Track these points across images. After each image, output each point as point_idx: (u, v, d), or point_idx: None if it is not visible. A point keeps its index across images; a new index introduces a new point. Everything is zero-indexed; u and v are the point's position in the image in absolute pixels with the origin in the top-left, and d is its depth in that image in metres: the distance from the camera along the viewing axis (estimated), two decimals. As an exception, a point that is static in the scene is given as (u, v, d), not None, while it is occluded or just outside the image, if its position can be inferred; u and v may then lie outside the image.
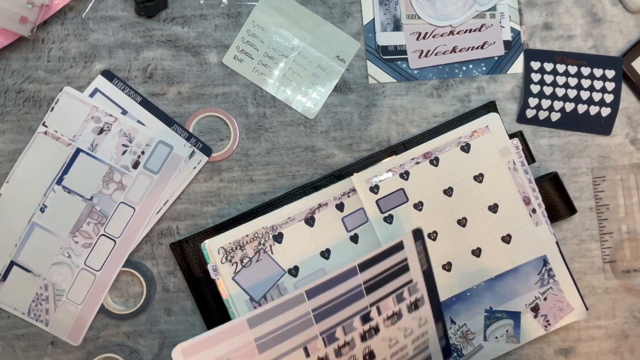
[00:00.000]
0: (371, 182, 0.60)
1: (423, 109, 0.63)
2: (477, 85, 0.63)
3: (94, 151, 0.61)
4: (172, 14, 0.62)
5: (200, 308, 0.61)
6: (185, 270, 0.61)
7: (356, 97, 0.63)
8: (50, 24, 0.62)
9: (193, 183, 0.62)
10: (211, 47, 0.62)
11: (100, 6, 0.62)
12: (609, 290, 0.63)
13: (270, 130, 0.62)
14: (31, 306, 0.61)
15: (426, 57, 0.62)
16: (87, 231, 0.61)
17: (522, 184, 0.60)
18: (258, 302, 0.57)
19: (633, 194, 0.63)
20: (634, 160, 0.63)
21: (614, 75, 0.62)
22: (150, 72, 0.62)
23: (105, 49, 0.62)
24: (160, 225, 0.62)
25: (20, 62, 0.62)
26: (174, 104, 0.62)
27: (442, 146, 0.60)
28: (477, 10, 0.62)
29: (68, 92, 0.61)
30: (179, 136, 0.61)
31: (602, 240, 0.63)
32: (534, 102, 0.62)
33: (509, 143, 0.60)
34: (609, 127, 0.63)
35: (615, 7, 0.63)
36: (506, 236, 0.60)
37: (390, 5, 0.62)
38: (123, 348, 0.61)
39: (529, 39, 0.63)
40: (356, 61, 0.63)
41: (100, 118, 0.61)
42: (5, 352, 0.62)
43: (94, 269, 0.61)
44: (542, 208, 0.60)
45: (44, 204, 0.60)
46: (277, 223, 0.58)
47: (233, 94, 0.62)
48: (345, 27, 0.62)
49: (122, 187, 0.61)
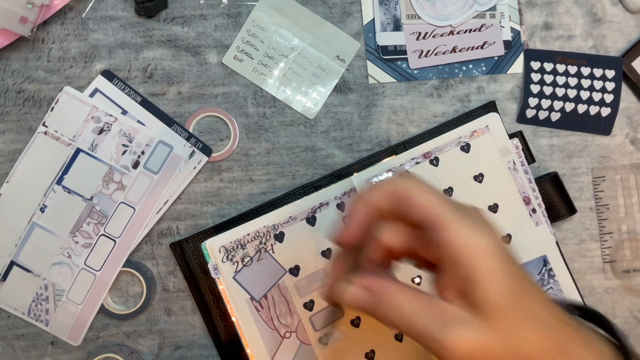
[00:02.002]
0: (371, 183, 0.60)
1: (423, 109, 0.63)
2: (477, 85, 0.63)
3: (94, 151, 0.61)
4: (172, 14, 0.62)
5: (200, 308, 0.61)
6: (185, 270, 0.61)
7: (356, 97, 0.63)
8: (50, 24, 0.62)
9: (193, 183, 0.62)
10: (211, 47, 0.62)
11: (100, 6, 0.62)
12: (609, 290, 0.63)
13: (270, 130, 0.62)
14: (31, 306, 0.61)
15: (426, 57, 0.62)
16: (87, 231, 0.61)
17: (522, 184, 0.60)
18: (258, 301, 0.57)
19: (633, 194, 0.63)
20: (634, 160, 0.63)
21: (614, 75, 0.62)
22: (150, 72, 0.62)
23: (105, 49, 0.62)
24: (160, 225, 0.62)
25: (20, 62, 0.62)
26: (174, 104, 0.62)
27: (442, 146, 0.60)
28: (477, 10, 0.62)
29: (68, 92, 0.61)
30: (179, 136, 0.61)
31: (602, 240, 0.63)
32: (534, 102, 0.62)
33: (508, 143, 0.60)
34: (609, 127, 0.63)
35: (615, 7, 0.63)
36: (506, 236, 0.60)
37: (390, 5, 0.62)
38: (123, 348, 0.61)
39: (529, 39, 0.63)
40: (356, 61, 0.63)
41: (100, 118, 0.61)
42: (5, 352, 0.62)
43: (94, 269, 0.61)
44: (542, 208, 0.60)
45: (44, 204, 0.60)
46: (279, 222, 0.57)
47: (233, 94, 0.62)
48: (345, 27, 0.62)
49: (122, 187, 0.61)
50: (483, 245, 0.35)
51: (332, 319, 0.45)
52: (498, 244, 0.35)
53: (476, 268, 0.34)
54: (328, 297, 0.40)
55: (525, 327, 0.34)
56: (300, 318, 0.57)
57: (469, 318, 0.34)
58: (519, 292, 0.35)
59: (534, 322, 0.35)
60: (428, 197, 0.37)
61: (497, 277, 0.34)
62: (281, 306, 0.56)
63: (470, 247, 0.35)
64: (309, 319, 0.57)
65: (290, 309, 0.57)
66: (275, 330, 0.56)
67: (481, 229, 0.35)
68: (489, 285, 0.34)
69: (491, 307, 0.34)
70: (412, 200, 0.37)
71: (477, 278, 0.34)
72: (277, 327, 0.56)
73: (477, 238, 0.35)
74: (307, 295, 0.57)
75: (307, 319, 0.57)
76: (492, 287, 0.34)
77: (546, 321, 0.36)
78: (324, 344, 0.55)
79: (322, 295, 0.41)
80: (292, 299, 0.57)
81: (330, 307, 0.41)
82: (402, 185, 0.38)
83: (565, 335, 0.36)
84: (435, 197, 0.36)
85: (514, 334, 0.34)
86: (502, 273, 0.34)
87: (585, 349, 0.36)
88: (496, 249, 0.35)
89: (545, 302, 0.36)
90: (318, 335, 0.57)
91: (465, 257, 0.35)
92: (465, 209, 0.37)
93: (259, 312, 0.56)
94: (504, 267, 0.35)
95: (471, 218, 0.36)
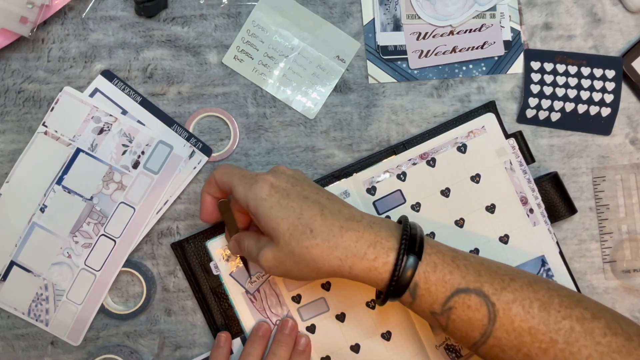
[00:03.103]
0: (368, 184, 0.60)
1: (423, 109, 0.63)
2: (477, 85, 0.63)
3: (94, 151, 0.61)
4: (172, 14, 0.62)
5: (201, 306, 0.61)
6: (186, 270, 0.61)
7: (356, 97, 0.63)
8: (50, 24, 0.62)
9: (193, 183, 0.62)
10: (211, 47, 0.62)
11: (100, 6, 0.62)
12: (609, 290, 0.63)
13: (270, 130, 0.62)
14: (31, 306, 0.61)
15: (426, 57, 0.62)
16: (87, 231, 0.61)
17: (519, 184, 0.60)
18: (252, 294, 0.61)
19: (633, 194, 0.63)
20: (634, 160, 0.63)
21: (614, 75, 0.62)
22: (150, 72, 0.62)
23: (105, 49, 0.62)
24: (160, 225, 0.62)
25: (20, 62, 0.62)
26: (174, 104, 0.62)
27: (439, 147, 0.60)
28: (477, 10, 0.62)
29: (68, 92, 0.61)
30: (179, 136, 0.61)
31: (602, 240, 0.63)
32: (534, 102, 0.62)
33: (505, 143, 0.60)
34: (609, 127, 0.63)
35: (615, 7, 0.63)
36: (504, 236, 0.60)
37: (390, 5, 0.62)
38: (123, 348, 0.61)
39: (529, 39, 0.63)
40: (356, 61, 0.63)
41: (100, 118, 0.61)
42: (5, 352, 0.62)
43: (94, 269, 0.61)
44: (541, 208, 0.60)
45: (44, 204, 0.61)
46: None
47: (233, 94, 0.62)
48: (345, 27, 0.62)
49: (122, 187, 0.61)
50: (255, 195, 0.50)
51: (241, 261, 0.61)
52: (269, 188, 0.50)
53: (258, 213, 0.49)
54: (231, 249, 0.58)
55: (299, 239, 0.48)
56: (289, 309, 0.61)
57: (269, 243, 0.50)
58: (291, 214, 0.48)
59: (304, 234, 0.48)
60: (224, 174, 0.53)
61: (271, 214, 0.49)
62: (272, 298, 0.61)
63: (250, 199, 0.50)
64: (297, 310, 0.61)
65: (280, 301, 0.61)
66: (268, 319, 0.61)
67: (258, 184, 0.50)
68: (269, 222, 0.49)
69: (275, 235, 0.49)
70: (218, 181, 0.54)
71: (261, 219, 0.49)
72: (269, 316, 0.61)
73: (253, 191, 0.50)
74: (295, 290, 0.61)
75: (295, 310, 0.61)
76: (270, 223, 0.49)
77: (320, 229, 0.48)
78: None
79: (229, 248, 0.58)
80: (282, 292, 0.61)
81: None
82: (215, 174, 0.55)
83: (339, 233, 0.48)
84: (230, 173, 0.53)
85: (290, 245, 0.48)
86: (274, 210, 0.49)
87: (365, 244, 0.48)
88: (266, 192, 0.49)
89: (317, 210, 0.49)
90: (305, 324, 0.61)
91: (250, 207, 0.50)
92: (249, 175, 0.52)
93: (253, 303, 0.61)
94: (274, 204, 0.49)
95: (251, 179, 0.51)
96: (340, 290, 0.60)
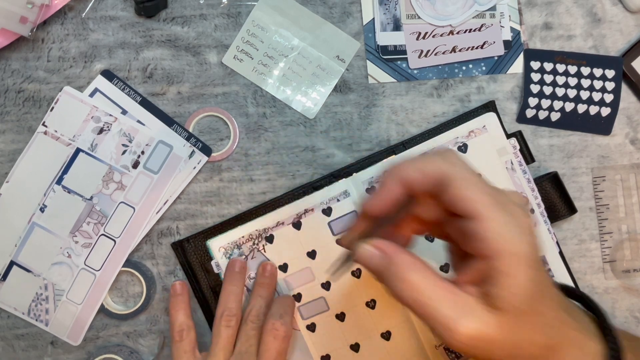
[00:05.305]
0: (368, 184, 0.60)
1: (423, 108, 0.63)
2: (477, 85, 0.63)
3: (93, 151, 0.61)
4: (172, 14, 0.62)
5: (201, 305, 0.61)
6: (187, 269, 0.61)
7: (356, 97, 0.63)
8: (50, 24, 0.62)
9: (193, 183, 0.62)
10: (211, 47, 0.62)
11: (100, 6, 0.62)
12: (609, 290, 0.63)
13: (270, 130, 0.62)
14: (31, 306, 0.61)
15: (426, 57, 0.62)
16: (87, 231, 0.61)
17: (519, 184, 0.60)
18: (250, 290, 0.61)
19: (633, 194, 0.63)
20: (634, 160, 0.63)
21: (613, 75, 0.62)
22: (150, 72, 0.62)
23: (105, 49, 0.62)
24: (160, 225, 0.62)
25: (20, 62, 0.62)
26: (173, 103, 0.62)
27: (440, 146, 0.60)
28: (477, 10, 0.62)
29: (68, 92, 0.61)
30: (179, 136, 0.61)
31: (602, 240, 0.63)
32: (534, 101, 0.62)
33: (506, 143, 0.60)
34: (609, 127, 0.63)
35: (615, 7, 0.63)
36: None
37: (390, 5, 0.62)
38: (123, 348, 0.61)
39: (529, 39, 0.63)
40: (356, 61, 0.63)
41: (100, 118, 0.61)
42: (5, 352, 0.62)
43: (94, 268, 0.61)
44: (541, 208, 0.60)
45: (44, 204, 0.61)
46: (269, 226, 0.60)
47: (233, 94, 0.62)
48: (345, 27, 0.62)
49: (122, 187, 0.61)
50: (517, 251, 0.35)
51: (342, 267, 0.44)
52: (532, 252, 0.36)
53: (506, 272, 0.35)
54: (345, 243, 0.42)
55: (532, 330, 0.36)
56: None
57: (483, 310, 0.36)
58: (537, 298, 0.36)
59: (541, 327, 0.37)
60: (469, 187, 0.37)
61: (522, 284, 0.35)
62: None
63: (505, 252, 0.35)
64: (298, 309, 0.60)
65: None
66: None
67: (519, 234, 0.36)
68: (513, 290, 0.35)
69: (508, 309, 0.35)
70: (453, 190, 0.37)
71: (504, 281, 0.35)
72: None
73: (514, 244, 0.36)
74: (296, 289, 0.60)
75: (295, 309, 0.60)
76: (515, 292, 0.35)
77: (551, 324, 0.37)
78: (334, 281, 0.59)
79: (341, 241, 0.43)
80: (282, 292, 0.60)
81: (344, 255, 0.43)
82: (443, 171, 0.37)
83: (564, 336, 0.38)
84: (477, 189, 0.36)
85: (519, 333, 0.36)
86: (527, 280, 0.36)
87: (577, 349, 0.38)
88: (529, 257, 0.36)
89: (556, 308, 0.38)
90: (306, 323, 0.60)
91: (498, 258, 0.36)
92: (506, 206, 0.37)
93: None
94: (530, 275, 0.36)
95: (511, 219, 0.36)
96: (340, 290, 0.60)
